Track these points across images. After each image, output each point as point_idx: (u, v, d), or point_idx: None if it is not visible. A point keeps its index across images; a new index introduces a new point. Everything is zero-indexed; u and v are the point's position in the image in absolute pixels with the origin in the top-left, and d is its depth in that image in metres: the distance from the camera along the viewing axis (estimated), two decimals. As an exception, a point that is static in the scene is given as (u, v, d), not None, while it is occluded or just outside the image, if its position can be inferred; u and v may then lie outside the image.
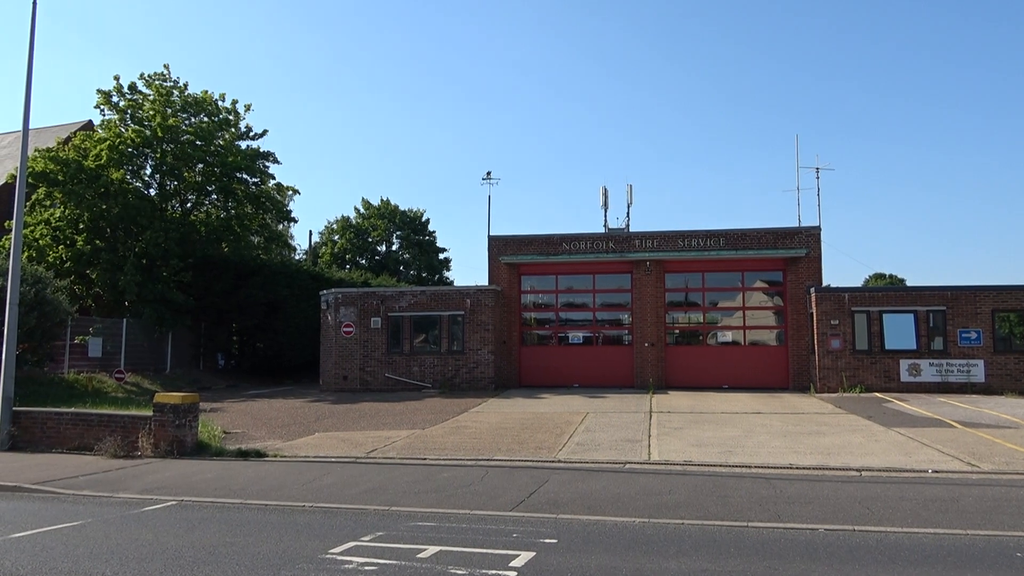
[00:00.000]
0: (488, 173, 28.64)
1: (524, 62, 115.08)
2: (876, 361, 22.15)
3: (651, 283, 25.10)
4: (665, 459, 11.82)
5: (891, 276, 60.33)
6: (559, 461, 11.84)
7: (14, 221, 15.03)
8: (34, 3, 15.32)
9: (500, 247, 26.16)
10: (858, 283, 57.28)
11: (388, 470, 11.42)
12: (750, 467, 11.16)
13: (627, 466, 11.43)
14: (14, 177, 19.52)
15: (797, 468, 11.07)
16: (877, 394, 21.25)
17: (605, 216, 27.23)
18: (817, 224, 24.72)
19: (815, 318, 22.82)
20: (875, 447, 12.68)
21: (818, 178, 25.79)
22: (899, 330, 22.16)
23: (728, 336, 25.60)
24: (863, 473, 10.74)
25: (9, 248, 17.57)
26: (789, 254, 24.33)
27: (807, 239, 24.49)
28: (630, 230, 26.28)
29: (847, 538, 7.38)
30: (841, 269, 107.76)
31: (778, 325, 25.14)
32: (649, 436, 14.15)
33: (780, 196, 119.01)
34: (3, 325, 14.94)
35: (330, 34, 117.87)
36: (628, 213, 27.36)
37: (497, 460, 11.97)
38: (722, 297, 25.97)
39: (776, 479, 10.34)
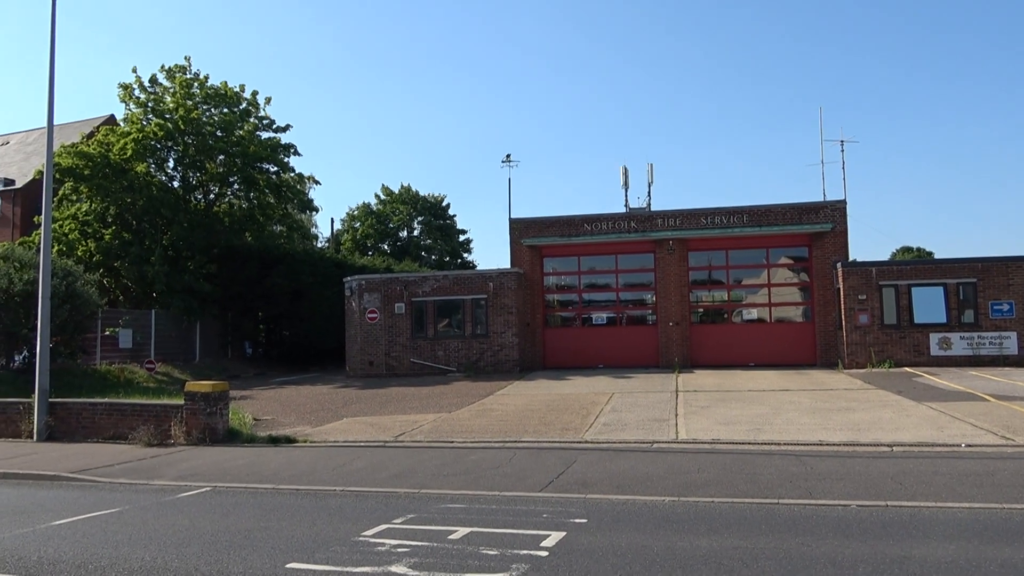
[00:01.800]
0: (507, 156, 28.70)
1: (541, 45, 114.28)
2: (905, 336, 21.85)
3: (674, 262, 24.92)
4: (693, 438, 11.77)
5: (919, 249, 59.36)
6: (586, 442, 11.84)
7: (43, 216, 15.24)
8: (53, 1, 15.43)
9: (521, 230, 26.10)
10: (885, 257, 56.43)
11: (416, 453, 11.50)
12: (779, 444, 11.09)
13: (655, 445, 11.40)
14: (41, 173, 19.78)
15: (827, 444, 10.97)
16: (907, 369, 20.99)
17: (626, 196, 27.08)
18: (843, 198, 24.36)
19: (842, 293, 22.54)
20: (906, 422, 12.53)
21: (843, 151, 25.42)
22: (928, 304, 21.82)
23: (753, 314, 25.41)
24: (894, 448, 10.62)
25: (39, 243, 17.84)
26: (814, 229, 24.02)
27: (832, 214, 24.15)
28: (651, 209, 26.09)
29: (880, 514, 7.32)
30: (868, 244, 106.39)
31: (804, 301, 24.88)
32: (676, 415, 14.08)
33: (804, 171, 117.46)
34: (36, 319, 15.19)
35: (346, 22, 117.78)
36: (649, 192, 27.24)
37: (524, 442, 12.00)
38: (747, 274, 25.74)
39: (806, 456, 10.26)
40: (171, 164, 30.35)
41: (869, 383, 18.21)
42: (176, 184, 30.49)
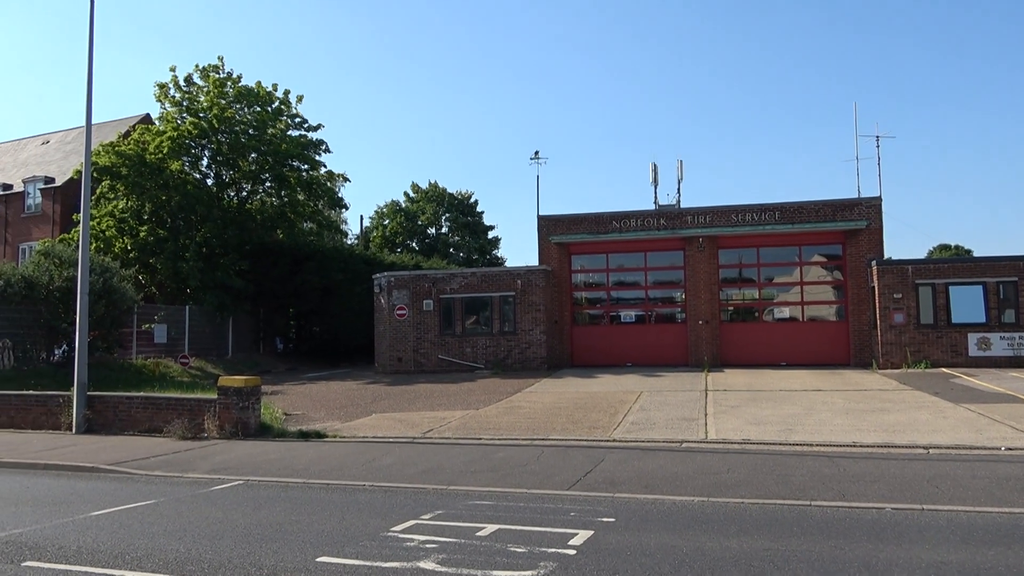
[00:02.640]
0: (536, 153, 28.54)
1: (569, 39, 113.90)
2: (942, 335, 21.42)
3: (704, 260, 24.72)
4: (723, 438, 11.66)
5: (957, 247, 58.07)
6: (614, 440, 11.80)
7: (81, 214, 15.59)
8: (91, 2, 15.72)
9: (550, 227, 26.07)
10: (921, 255, 55.36)
11: (444, 450, 11.55)
12: (811, 445, 10.94)
13: (684, 445, 11.32)
14: (80, 172, 20.26)
15: (861, 446, 10.80)
16: (944, 370, 20.57)
17: (655, 193, 26.89)
18: (878, 195, 23.94)
19: (877, 292, 22.16)
20: (943, 424, 12.29)
21: (878, 147, 24.92)
22: (967, 303, 21.35)
23: (785, 312, 25.11)
24: (931, 451, 10.42)
25: (78, 240, 18.25)
26: (848, 226, 23.64)
27: (867, 210, 23.75)
28: (681, 206, 25.89)
29: (916, 517, 7.18)
30: (904, 241, 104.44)
31: (838, 300, 24.52)
32: (705, 414, 13.98)
33: (838, 167, 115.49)
34: (75, 314, 15.53)
35: (375, 17, 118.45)
36: (679, 189, 26.98)
37: (552, 440, 11.99)
38: (778, 272, 25.45)
39: (839, 457, 10.12)
40: (205, 162, 30.86)
41: (904, 384, 17.89)
42: (210, 182, 30.98)
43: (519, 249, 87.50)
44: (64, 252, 22.68)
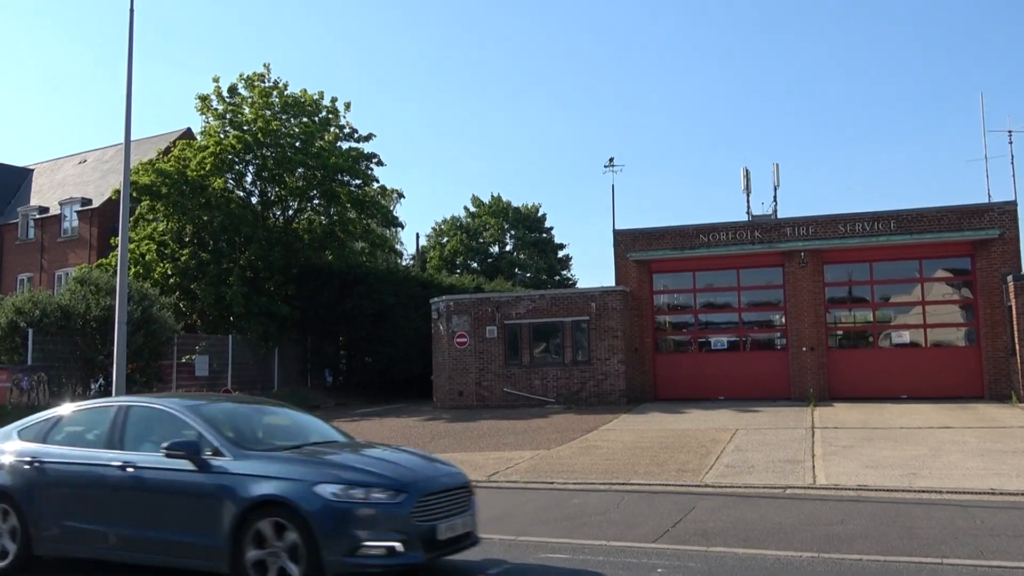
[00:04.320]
0: (611, 160, 28.60)
1: (643, 35, 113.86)
2: (1097, 362, 20.33)
3: (807, 277, 24.20)
4: (834, 483, 11.39)
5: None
6: (706, 485, 11.64)
7: (120, 238, 16.33)
8: (131, 13, 16.58)
9: (627, 242, 25.97)
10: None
11: (512, 495, 11.55)
12: (940, 492, 10.55)
13: (788, 491, 11.10)
14: (119, 192, 21.29)
15: (1001, 494, 10.35)
16: (1100, 403, 19.51)
17: (748, 201, 26.56)
18: (1012, 199, 23.05)
19: (1015, 312, 21.23)
20: (1102, 468, 11.64)
21: (1011, 142, 24.15)
22: None
23: (904, 336, 24.34)
24: (1088, 500, 9.88)
25: (116, 266, 19.10)
26: (978, 236, 22.79)
27: (1000, 217, 22.85)
28: (779, 216, 25.46)
29: (1073, 580, 6.80)
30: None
31: (967, 322, 23.61)
32: (813, 456, 13.71)
33: (961, 169, 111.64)
34: (113, 345, 16.21)
35: (427, 22, 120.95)
36: (775, 197, 26.60)
37: (634, 484, 11.89)
38: (895, 290, 24.74)
39: (975, 507, 9.71)
40: (249, 179, 32.02)
41: (1052, 420, 17.04)
42: (254, 200, 32.11)
43: (593, 268, 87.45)
44: (102, 279, 23.77)
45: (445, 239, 54.21)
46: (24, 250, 42.83)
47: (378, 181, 33.60)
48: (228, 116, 31.16)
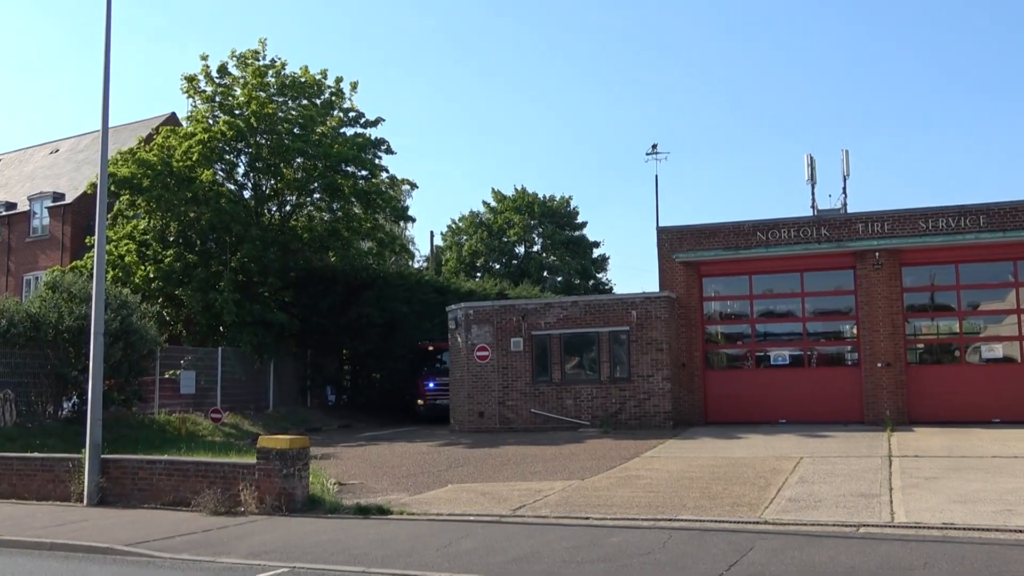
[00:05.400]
0: (654, 147, 28.64)
1: (689, 2, 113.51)
2: None
3: (882, 281, 24.00)
4: (915, 520, 11.26)
5: None
6: (766, 522, 11.56)
7: (96, 237, 16.46)
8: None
9: (673, 241, 25.90)
10: None
11: (541, 532, 11.51)
12: (1042, 532, 10.38)
13: (861, 529, 11.01)
14: (94, 186, 21.53)
15: (1113, 534, 10.15)
16: None
17: (813, 194, 26.43)
18: (1125, 189, 22.69)
19: None
20: None
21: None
22: None
23: (996, 350, 24.08)
24: None
25: (92, 269, 19.31)
26: (1084, 233, 22.51)
27: (1111, 211, 22.53)
28: (849, 211, 25.30)
29: None
30: None
31: (1071, 333, 23.32)
32: (890, 489, 13.58)
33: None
34: (88, 359, 16.37)
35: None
36: (844, 189, 26.56)
37: (682, 520, 11.82)
38: (986, 296, 24.53)
39: (1082, 550, 9.53)
40: (241, 170, 32.33)
41: None
42: (247, 194, 32.38)
43: (632, 271, 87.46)
44: (76, 284, 24.05)
45: (463, 238, 54.40)
46: (-12, 251, 43.49)
47: (387, 171, 33.81)
48: (218, 99, 31.48)
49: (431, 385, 30.68)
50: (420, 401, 31.00)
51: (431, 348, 31.22)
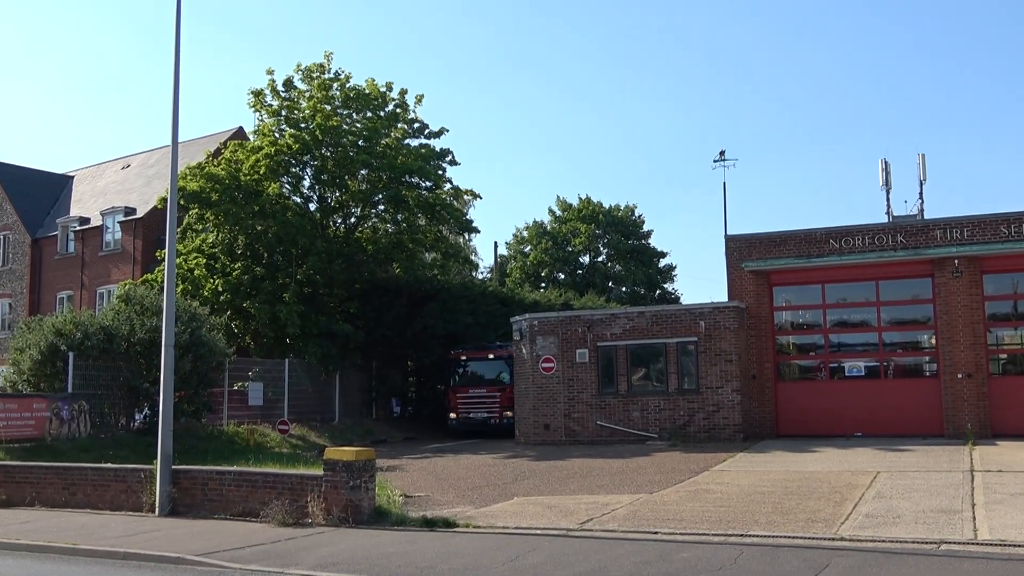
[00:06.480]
0: (721, 153, 28.27)
1: (756, 4, 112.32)
2: None
3: (963, 289, 23.46)
4: (1000, 538, 10.97)
5: None
6: (842, 539, 11.38)
7: (166, 251, 16.92)
8: (178, 4, 17.15)
9: (742, 250, 25.65)
10: None
11: (608, 547, 11.48)
12: None
13: (942, 547, 10.75)
14: (165, 201, 22.12)
15: None
16: None
17: (888, 200, 26.00)
18: None
19: None
20: None
21: None
22: None
23: (1086, 360, 23.39)
24: None
25: (162, 282, 19.83)
26: None
27: None
28: (926, 216, 24.79)
29: None
30: None
31: None
32: (973, 505, 13.29)
33: None
34: (159, 371, 16.80)
35: (505, 4, 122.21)
36: (921, 194, 25.99)
37: (754, 536, 11.69)
38: (1074, 305, 23.82)
39: None
40: (307, 183, 32.92)
41: None
42: (312, 207, 32.95)
43: (700, 281, 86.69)
44: (147, 297, 24.73)
45: (527, 248, 54.52)
46: (64, 265, 44.95)
47: (451, 182, 34.07)
48: (284, 112, 32.13)
49: (464, 397, 30.17)
50: (452, 415, 30.34)
51: (463, 357, 30.83)
